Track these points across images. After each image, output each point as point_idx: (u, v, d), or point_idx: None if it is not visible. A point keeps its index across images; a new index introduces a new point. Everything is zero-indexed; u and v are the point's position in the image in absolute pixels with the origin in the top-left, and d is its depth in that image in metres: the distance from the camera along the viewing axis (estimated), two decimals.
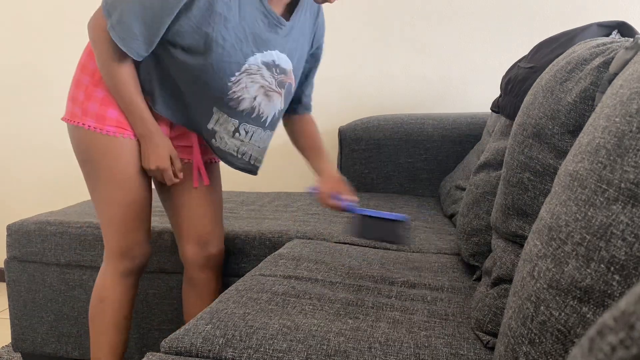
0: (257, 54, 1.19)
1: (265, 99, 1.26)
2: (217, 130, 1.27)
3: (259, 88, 1.23)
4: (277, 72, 1.24)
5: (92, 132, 1.23)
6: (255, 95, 1.24)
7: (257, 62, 1.20)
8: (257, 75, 1.21)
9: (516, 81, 1.22)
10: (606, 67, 0.78)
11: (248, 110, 1.26)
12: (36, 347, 1.72)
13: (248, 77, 1.20)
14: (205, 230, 1.40)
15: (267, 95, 1.25)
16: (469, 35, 2.16)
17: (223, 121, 1.26)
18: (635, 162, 0.48)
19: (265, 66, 1.21)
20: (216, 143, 1.29)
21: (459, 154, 1.99)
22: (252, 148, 1.33)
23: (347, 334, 0.85)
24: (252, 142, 1.32)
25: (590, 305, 0.49)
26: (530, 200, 0.87)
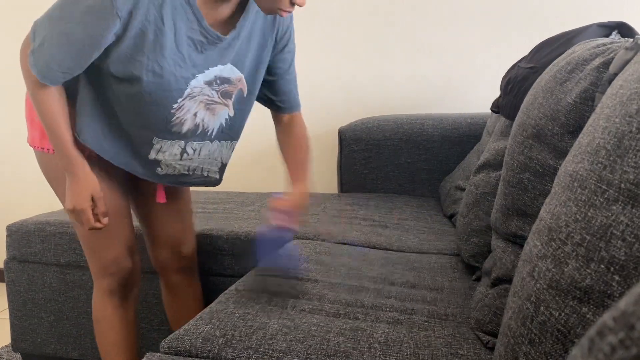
0: (198, 76, 1.11)
1: (207, 113, 1.18)
2: (161, 159, 1.19)
3: (199, 104, 1.15)
4: (218, 84, 1.15)
5: (50, 155, 1.19)
6: (196, 111, 1.16)
7: (199, 84, 1.12)
8: (199, 96, 1.14)
9: (516, 81, 1.22)
10: (606, 67, 0.78)
11: (192, 129, 1.18)
12: (36, 347, 1.72)
13: (191, 100, 1.13)
14: (176, 236, 1.38)
15: (208, 109, 1.17)
16: (469, 35, 2.16)
17: (167, 148, 1.18)
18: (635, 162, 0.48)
19: (208, 84, 1.14)
20: (162, 171, 1.21)
21: (459, 154, 1.99)
22: (202, 162, 1.25)
23: (346, 334, 0.85)
24: (202, 157, 1.24)
25: (590, 305, 0.49)
26: (530, 201, 0.87)
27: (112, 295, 1.28)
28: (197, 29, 1.06)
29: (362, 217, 1.67)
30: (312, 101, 2.30)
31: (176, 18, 1.03)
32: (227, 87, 1.17)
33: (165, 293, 1.45)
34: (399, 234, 1.52)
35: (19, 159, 2.54)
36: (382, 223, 1.62)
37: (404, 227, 1.59)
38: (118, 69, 1.05)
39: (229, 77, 1.16)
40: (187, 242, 1.40)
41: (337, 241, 1.46)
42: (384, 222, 1.63)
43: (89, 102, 1.12)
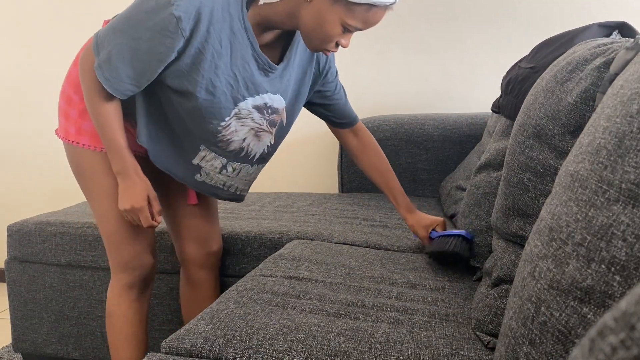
0: (248, 99, 1.16)
1: (254, 140, 1.24)
2: (203, 166, 1.24)
3: (249, 130, 1.21)
4: (269, 113, 1.21)
5: (86, 151, 1.23)
6: (245, 137, 1.22)
7: (247, 106, 1.17)
8: (248, 119, 1.19)
9: (517, 81, 1.22)
10: (607, 67, 0.78)
11: (237, 151, 1.23)
12: (37, 347, 1.72)
13: (238, 121, 1.18)
14: (204, 230, 1.41)
15: (257, 136, 1.23)
16: (470, 35, 2.16)
17: (210, 158, 1.23)
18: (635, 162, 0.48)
19: (257, 110, 1.19)
20: (201, 178, 1.26)
21: (459, 155, 1.99)
22: (239, 181, 1.30)
23: (347, 334, 0.85)
24: (240, 177, 1.29)
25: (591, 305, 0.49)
26: (530, 201, 0.87)
27: (130, 289, 1.31)
28: (251, 53, 1.12)
29: (363, 217, 1.67)
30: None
31: (233, 41, 1.09)
32: (274, 117, 1.23)
33: (185, 287, 1.46)
34: (400, 234, 1.52)
35: (19, 159, 2.54)
36: (383, 223, 1.62)
37: (405, 227, 1.59)
38: (174, 83, 1.10)
39: (277, 107, 1.22)
40: (215, 237, 1.44)
41: (338, 242, 1.46)
42: (385, 222, 1.63)
43: (145, 106, 1.17)
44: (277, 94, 1.20)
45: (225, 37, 1.07)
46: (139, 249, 1.29)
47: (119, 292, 1.31)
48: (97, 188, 1.24)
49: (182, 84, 1.10)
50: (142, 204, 1.19)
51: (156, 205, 1.21)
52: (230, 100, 1.14)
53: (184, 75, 1.09)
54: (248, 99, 1.16)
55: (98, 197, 1.25)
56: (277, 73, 1.18)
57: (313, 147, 2.32)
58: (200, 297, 1.45)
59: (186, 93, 1.11)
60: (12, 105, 2.52)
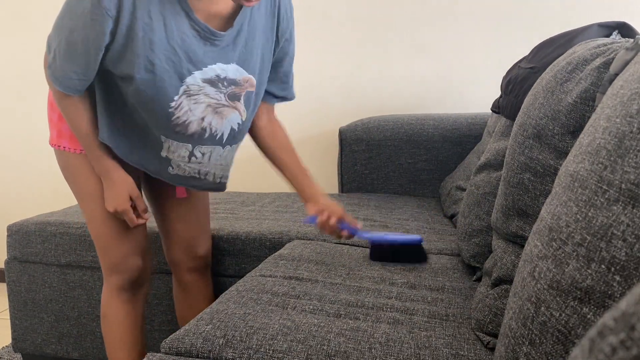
0: (195, 73, 1.08)
1: (216, 117, 1.16)
2: (171, 158, 1.19)
3: (206, 107, 1.13)
4: (225, 86, 1.13)
5: (67, 153, 1.22)
6: (203, 115, 1.14)
7: (196, 81, 1.09)
8: (201, 95, 1.11)
9: (516, 82, 1.22)
10: (607, 67, 0.78)
11: (199, 132, 1.16)
12: (36, 347, 1.72)
13: (189, 98, 1.10)
14: (192, 235, 1.39)
15: (217, 112, 1.15)
16: (470, 35, 2.16)
17: (175, 149, 1.17)
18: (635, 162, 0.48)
19: (209, 83, 1.11)
20: (174, 171, 1.21)
21: (459, 155, 1.99)
22: (213, 167, 1.24)
23: (347, 335, 0.85)
24: (212, 162, 1.23)
25: (591, 306, 0.49)
26: (530, 201, 0.87)
27: (121, 291, 1.29)
28: (187, 22, 1.05)
29: (363, 218, 1.67)
30: (312, 101, 2.30)
31: (165, 12, 1.03)
32: (234, 89, 1.15)
33: (176, 291, 1.45)
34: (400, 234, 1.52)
35: (19, 159, 2.54)
36: (383, 223, 1.62)
37: (405, 227, 1.59)
38: (116, 69, 1.06)
39: (234, 79, 1.14)
40: (202, 242, 1.41)
41: (338, 242, 1.46)
42: (385, 223, 1.63)
43: (104, 102, 1.14)
44: (230, 64, 1.12)
45: (154, 10, 1.01)
46: (126, 251, 1.27)
47: (110, 295, 1.30)
48: (81, 190, 1.23)
49: (122, 68, 1.05)
50: (124, 206, 1.17)
51: (140, 204, 1.19)
52: (175, 77, 1.07)
53: (121, 58, 1.04)
54: (195, 72, 1.08)
55: (83, 199, 1.24)
56: (227, 40, 1.09)
57: (313, 147, 2.32)
58: (192, 300, 1.44)
59: (128, 77, 1.06)
60: (12, 105, 2.52)
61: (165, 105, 1.09)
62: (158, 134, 1.15)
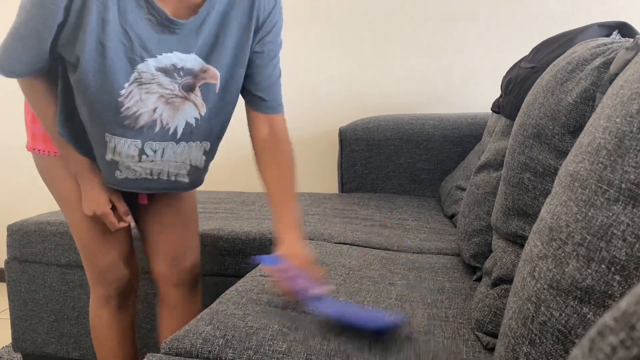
0: (148, 60, 1.01)
1: (167, 109, 1.06)
2: (118, 160, 1.08)
3: (158, 98, 1.05)
4: (181, 76, 1.04)
5: (42, 156, 1.16)
6: (155, 107, 1.05)
7: (149, 69, 1.01)
8: (153, 85, 1.03)
9: (517, 81, 1.22)
10: (607, 67, 0.78)
11: (149, 125, 1.06)
12: (36, 347, 1.72)
13: (140, 88, 1.02)
14: (175, 245, 1.27)
15: (169, 103, 1.06)
16: (470, 35, 2.16)
17: (122, 147, 1.07)
18: (635, 162, 0.48)
19: (163, 72, 1.03)
20: (122, 174, 1.10)
21: (459, 154, 1.99)
22: (167, 165, 1.12)
23: (347, 335, 0.85)
24: (166, 160, 1.11)
25: (591, 305, 0.49)
26: (530, 201, 0.87)
27: (108, 302, 1.24)
28: (144, 6, 0.98)
29: (363, 217, 1.67)
30: (312, 101, 2.30)
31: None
32: (190, 80, 1.06)
33: (160, 307, 1.32)
34: (400, 234, 1.52)
35: (19, 159, 2.54)
36: (383, 223, 1.62)
37: (405, 227, 1.59)
38: (68, 52, 0.99)
39: (192, 69, 1.05)
40: (188, 253, 1.28)
41: (338, 242, 1.46)
42: (385, 223, 1.63)
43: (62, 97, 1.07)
44: (189, 54, 1.04)
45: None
46: (110, 259, 1.20)
47: (98, 305, 1.24)
48: (58, 195, 1.17)
49: (73, 50, 0.98)
50: (104, 210, 1.10)
51: (120, 206, 1.12)
52: (126, 63, 0.99)
53: (73, 38, 0.96)
54: (148, 60, 1.01)
55: (62, 204, 1.18)
56: (189, 29, 1.02)
57: (313, 147, 2.32)
58: (176, 319, 1.28)
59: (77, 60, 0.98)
60: (12, 105, 2.52)
61: (115, 94, 1.01)
62: (102, 132, 1.06)
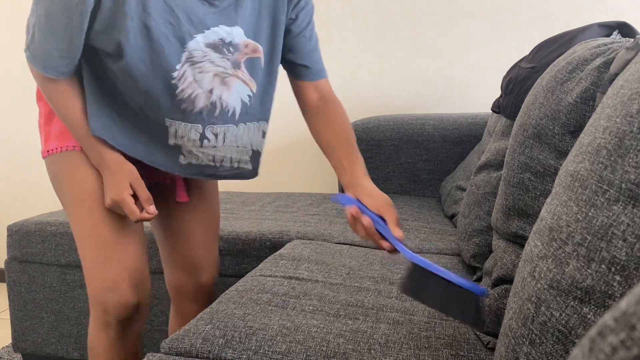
0: (197, 36, 0.95)
1: (224, 89, 1.02)
2: (181, 144, 1.04)
3: (213, 77, 0.99)
4: (231, 52, 1.00)
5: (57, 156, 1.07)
6: (211, 87, 1.00)
7: (199, 46, 0.96)
8: (205, 63, 0.98)
9: (517, 81, 1.22)
10: (607, 67, 0.77)
11: (209, 108, 1.02)
12: (36, 347, 1.72)
13: (193, 67, 0.97)
14: (195, 255, 1.21)
15: (225, 83, 1.01)
16: (470, 35, 2.15)
17: (183, 132, 1.03)
18: (636, 162, 0.48)
19: (213, 48, 0.97)
20: (186, 160, 1.06)
21: (459, 155, 1.99)
22: (229, 151, 1.08)
23: (346, 335, 0.85)
24: (228, 145, 1.07)
25: (591, 305, 0.49)
26: (530, 201, 0.87)
27: (108, 327, 1.07)
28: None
29: None
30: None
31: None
32: (237, 56, 1.01)
33: (173, 319, 1.27)
34: None
35: (19, 159, 2.54)
36: None
37: (405, 227, 1.59)
38: (105, 42, 0.93)
39: (237, 43, 1.00)
40: (207, 265, 1.23)
41: (338, 242, 1.46)
42: None
43: (95, 90, 1.01)
44: (234, 26, 0.99)
45: None
46: (114, 274, 1.04)
47: (97, 327, 1.09)
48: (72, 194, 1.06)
49: (112, 38, 0.91)
50: (122, 196, 1.00)
51: (142, 192, 1.01)
52: (176, 42, 0.94)
53: (110, 26, 0.90)
54: (197, 36, 0.95)
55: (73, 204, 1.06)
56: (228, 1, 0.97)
57: (313, 147, 2.31)
58: None
59: (119, 50, 0.92)
60: (12, 105, 2.52)
61: (167, 77, 0.96)
62: (161, 118, 1.02)
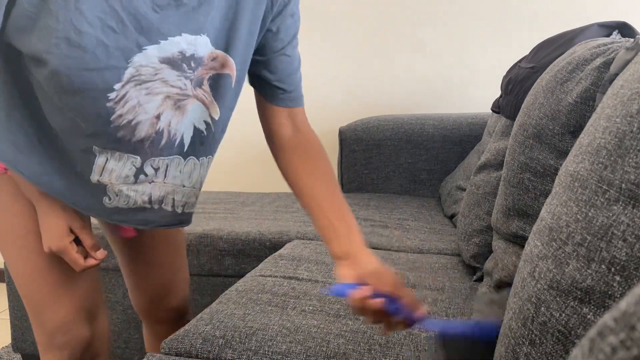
0: (148, 48, 0.71)
1: (176, 114, 0.78)
2: (107, 182, 0.80)
3: (164, 100, 0.76)
4: (192, 67, 0.76)
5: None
6: (158, 112, 0.77)
7: (150, 61, 0.72)
8: (157, 82, 0.74)
9: (517, 81, 1.22)
10: (607, 67, 0.77)
11: (153, 137, 0.78)
12: (36, 347, 1.71)
13: (139, 88, 0.73)
14: (162, 282, 1.06)
15: (178, 107, 0.78)
16: (470, 35, 2.15)
17: (114, 166, 0.79)
18: (636, 162, 0.48)
19: (169, 64, 0.74)
20: (112, 202, 0.83)
21: (459, 155, 1.99)
22: (173, 189, 0.85)
23: (346, 336, 0.85)
24: (172, 182, 0.84)
25: (591, 306, 0.49)
26: (530, 201, 0.87)
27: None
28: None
29: (363, 218, 1.67)
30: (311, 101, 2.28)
31: None
32: (202, 72, 0.78)
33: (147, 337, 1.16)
34: (400, 234, 1.52)
35: None
36: (383, 223, 1.62)
37: (405, 227, 1.59)
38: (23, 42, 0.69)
39: (202, 56, 0.76)
40: (174, 290, 1.08)
41: None
42: (385, 222, 1.62)
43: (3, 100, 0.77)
44: (201, 35, 0.74)
45: None
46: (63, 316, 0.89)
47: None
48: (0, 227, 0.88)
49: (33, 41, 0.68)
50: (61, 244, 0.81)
51: (87, 238, 0.83)
52: (117, 54, 0.70)
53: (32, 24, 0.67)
54: (148, 47, 0.71)
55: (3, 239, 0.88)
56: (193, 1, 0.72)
57: None
58: None
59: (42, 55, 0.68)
60: None
61: (102, 98, 0.72)
62: (88, 145, 0.77)
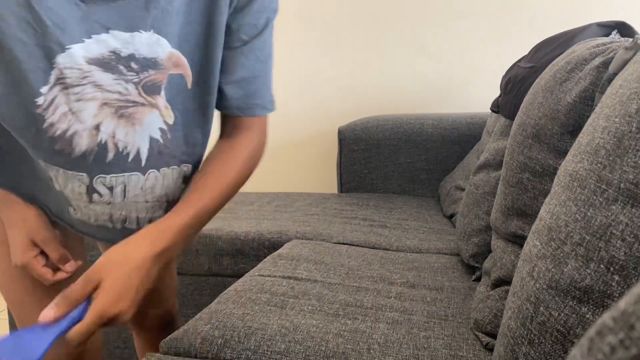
0: (72, 47, 0.64)
1: (121, 124, 0.70)
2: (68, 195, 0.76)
3: (100, 108, 0.68)
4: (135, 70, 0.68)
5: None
6: (97, 122, 0.69)
7: (75, 62, 0.65)
8: (87, 86, 0.66)
9: (516, 81, 1.22)
10: (606, 67, 0.77)
11: (96, 151, 0.71)
12: None
13: (66, 92, 0.66)
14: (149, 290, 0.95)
15: (122, 116, 0.70)
16: (469, 35, 2.16)
17: (66, 181, 0.74)
18: (634, 162, 0.48)
19: (99, 66, 0.66)
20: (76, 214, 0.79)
21: (458, 154, 1.99)
22: (134, 208, 0.78)
23: (345, 335, 0.85)
24: (132, 200, 0.76)
25: (590, 305, 0.49)
26: (529, 201, 0.87)
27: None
28: None
29: (362, 217, 1.67)
30: (311, 101, 2.29)
31: None
32: (152, 75, 0.69)
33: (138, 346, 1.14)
34: (399, 234, 1.52)
35: None
36: (382, 223, 1.62)
37: (404, 227, 1.59)
38: None
39: (154, 57, 0.68)
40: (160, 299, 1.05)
41: (337, 242, 1.46)
42: (384, 222, 1.62)
43: None
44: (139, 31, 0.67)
45: None
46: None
47: None
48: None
49: None
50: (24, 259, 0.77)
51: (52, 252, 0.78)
52: (40, 55, 0.63)
53: None
54: (73, 46, 0.64)
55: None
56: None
57: (312, 147, 2.32)
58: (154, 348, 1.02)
59: None
60: None
61: (29, 104, 0.66)
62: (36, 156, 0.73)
